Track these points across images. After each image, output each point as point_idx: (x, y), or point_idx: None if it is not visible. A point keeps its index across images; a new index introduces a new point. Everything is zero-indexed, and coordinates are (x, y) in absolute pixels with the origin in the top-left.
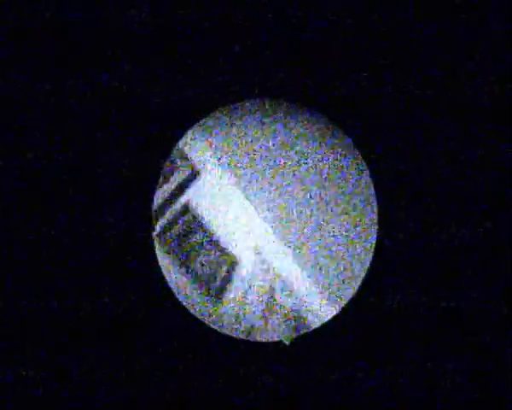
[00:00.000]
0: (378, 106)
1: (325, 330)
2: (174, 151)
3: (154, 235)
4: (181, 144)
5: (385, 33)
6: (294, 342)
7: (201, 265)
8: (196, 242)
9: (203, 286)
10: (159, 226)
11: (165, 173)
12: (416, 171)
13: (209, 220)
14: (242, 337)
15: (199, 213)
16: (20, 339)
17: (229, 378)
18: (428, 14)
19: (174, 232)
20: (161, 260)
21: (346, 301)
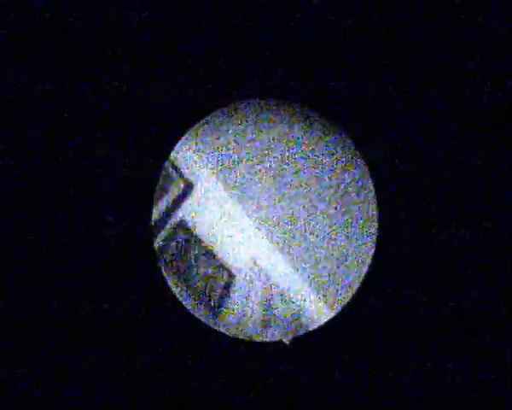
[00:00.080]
0: (378, 106)
1: (325, 330)
2: (167, 164)
3: (155, 248)
4: (173, 156)
5: (385, 33)
6: (294, 341)
7: (199, 280)
8: (193, 257)
9: (202, 301)
10: (157, 242)
11: (160, 188)
12: (416, 171)
13: (205, 235)
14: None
15: (194, 228)
16: (20, 339)
17: (229, 378)
18: (428, 14)
19: (171, 248)
20: (164, 272)
21: (345, 303)
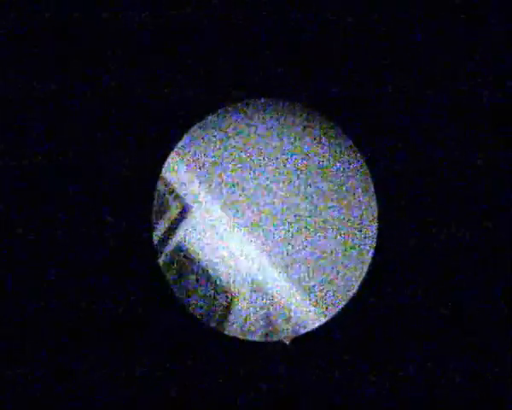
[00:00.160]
0: (378, 106)
1: (325, 330)
2: (160, 184)
3: (160, 265)
4: (165, 174)
5: (385, 33)
6: (294, 341)
7: (199, 301)
8: (192, 279)
9: (204, 319)
10: (161, 260)
11: (157, 210)
12: (416, 171)
13: (203, 257)
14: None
15: (192, 251)
16: (20, 339)
17: (229, 378)
18: (428, 14)
19: (172, 270)
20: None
21: (341, 307)
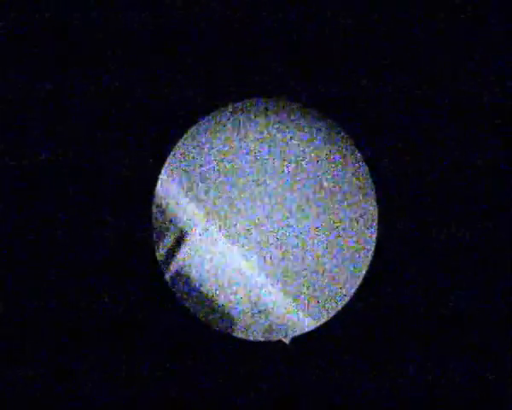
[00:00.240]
0: (378, 106)
1: (325, 330)
2: (156, 209)
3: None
4: (160, 197)
5: (385, 33)
6: (294, 341)
7: (203, 320)
8: (193, 303)
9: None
10: (166, 277)
11: (155, 233)
12: (416, 171)
13: (203, 282)
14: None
15: (192, 276)
16: (20, 339)
17: (229, 378)
18: (428, 14)
19: (175, 293)
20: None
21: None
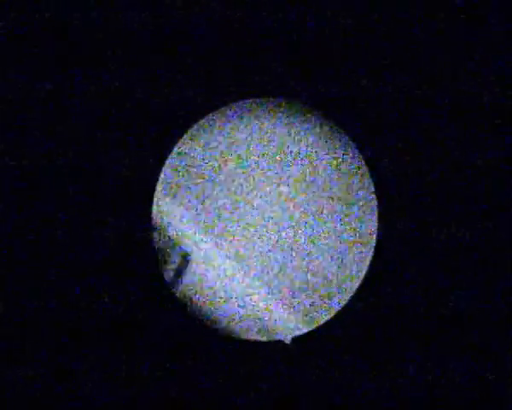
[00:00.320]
0: (378, 106)
1: (325, 330)
2: (158, 235)
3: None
4: (157, 214)
5: (385, 33)
6: (295, 341)
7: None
8: (200, 321)
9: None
10: (176, 294)
11: (159, 256)
12: (416, 171)
13: (207, 308)
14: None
15: (198, 302)
16: (20, 339)
17: (229, 378)
18: (428, 14)
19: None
20: None
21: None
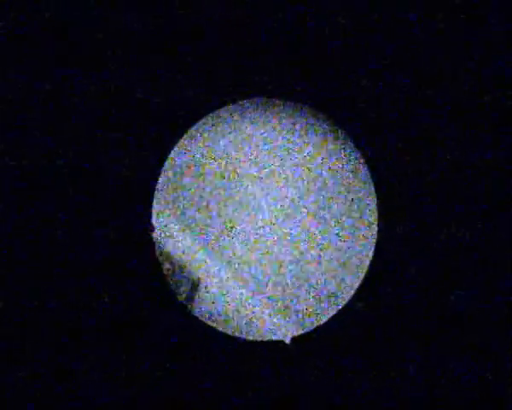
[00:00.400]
0: (378, 106)
1: (325, 330)
2: (168, 264)
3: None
4: (165, 246)
5: (385, 33)
6: (295, 340)
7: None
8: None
9: None
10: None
11: (170, 280)
12: (416, 171)
13: (222, 324)
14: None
15: (211, 323)
16: (20, 339)
17: (229, 378)
18: (428, 14)
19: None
20: None
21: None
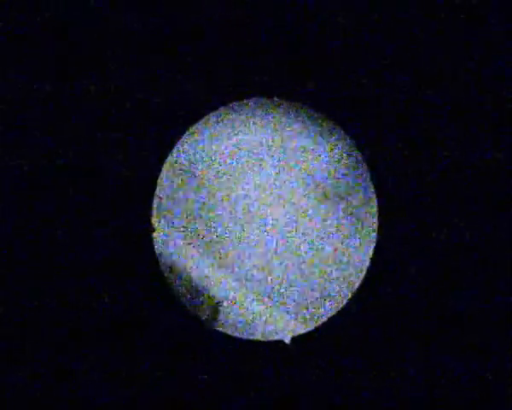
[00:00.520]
0: (378, 106)
1: (325, 330)
2: (189, 287)
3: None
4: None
5: (385, 33)
6: (295, 340)
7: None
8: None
9: None
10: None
11: (192, 307)
12: (416, 171)
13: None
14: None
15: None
16: (20, 339)
17: (229, 378)
18: (428, 14)
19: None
20: None
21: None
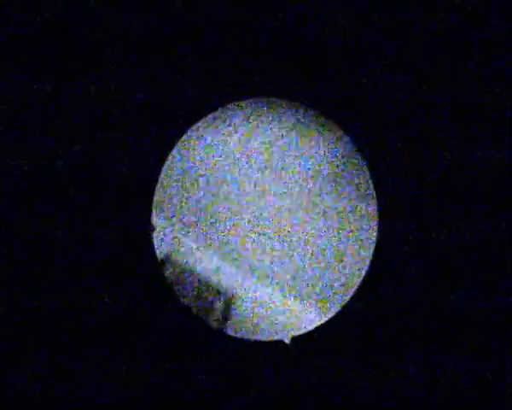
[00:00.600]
0: (378, 106)
1: (325, 330)
2: (206, 288)
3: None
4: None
5: (385, 33)
6: (295, 340)
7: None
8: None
9: None
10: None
11: (202, 308)
12: (416, 171)
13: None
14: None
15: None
16: (20, 339)
17: (229, 378)
18: (428, 14)
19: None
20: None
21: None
